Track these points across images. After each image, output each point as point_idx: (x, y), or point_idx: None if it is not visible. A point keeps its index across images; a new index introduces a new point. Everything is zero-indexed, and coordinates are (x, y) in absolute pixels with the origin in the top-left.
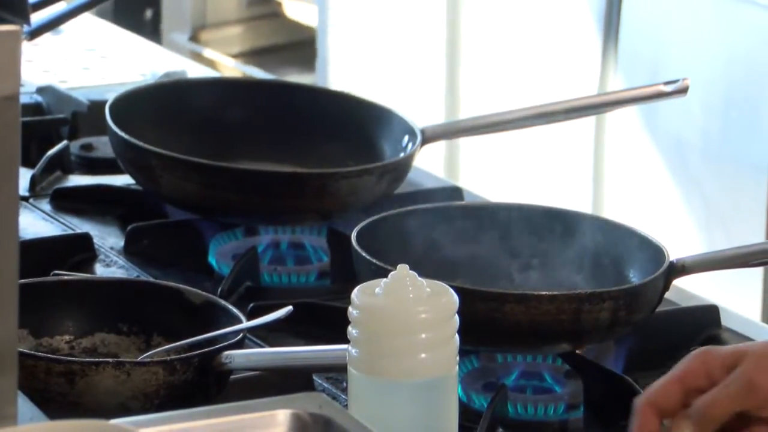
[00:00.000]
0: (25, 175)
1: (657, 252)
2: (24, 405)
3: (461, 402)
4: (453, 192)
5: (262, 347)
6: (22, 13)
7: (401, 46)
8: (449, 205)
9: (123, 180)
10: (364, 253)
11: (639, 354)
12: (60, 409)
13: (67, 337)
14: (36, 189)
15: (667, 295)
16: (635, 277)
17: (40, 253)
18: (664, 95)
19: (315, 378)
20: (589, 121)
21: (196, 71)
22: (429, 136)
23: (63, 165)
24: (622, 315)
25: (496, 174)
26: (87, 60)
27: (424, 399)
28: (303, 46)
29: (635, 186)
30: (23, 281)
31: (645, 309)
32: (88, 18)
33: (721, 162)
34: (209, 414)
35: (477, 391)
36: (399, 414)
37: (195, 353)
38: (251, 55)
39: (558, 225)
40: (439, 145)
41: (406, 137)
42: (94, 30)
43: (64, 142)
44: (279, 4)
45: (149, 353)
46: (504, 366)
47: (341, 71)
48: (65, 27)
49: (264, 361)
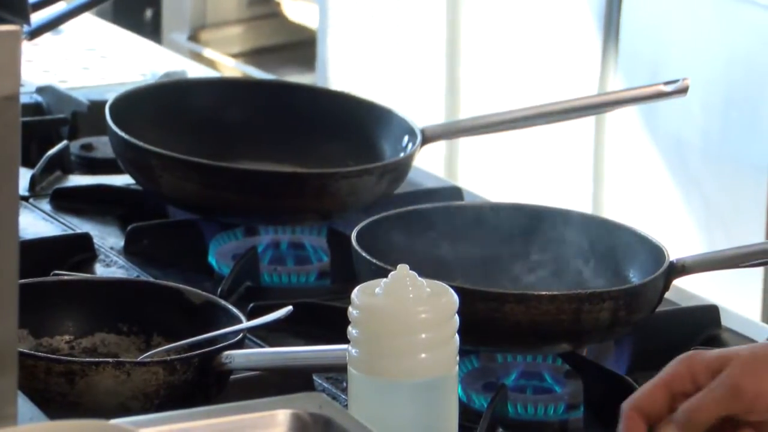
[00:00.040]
0: (25, 175)
1: (657, 252)
2: (24, 405)
3: (461, 402)
4: (453, 192)
5: (262, 347)
6: (22, 13)
7: (401, 46)
8: (449, 205)
9: (123, 180)
10: (364, 253)
11: (639, 354)
12: (60, 409)
13: (67, 337)
14: (36, 189)
15: (667, 295)
16: (635, 277)
17: (40, 253)
18: (664, 95)
19: (315, 378)
20: (589, 121)
21: (196, 71)
22: (429, 136)
23: (63, 165)
24: (622, 315)
25: (496, 174)
26: (87, 60)
27: (424, 399)
28: (303, 46)
29: (635, 186)
30: (23, 281)
31: (645, 309)
32: (88, 18)
33: (721, 162)
34: (209, 414)
35: (477, 391)
36: (399, 414)
37: (195, 353)
38: (251, 55)
39: (558, 225)
40: (439, 145)
41: (406, 137)
42: (94, 30)
43: (64, 142)
44: (279, 4)
45: (149, 353)
46: (504, 366)
47: (341, 71)
48: (65, 27)
49: (264, 361)
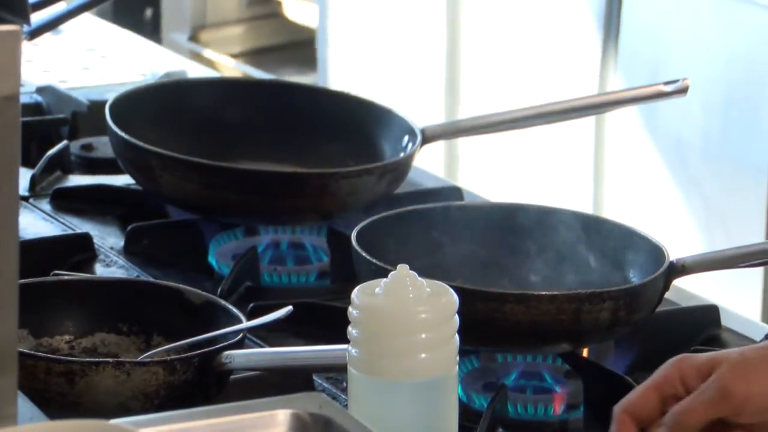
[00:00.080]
0: (25, 175)
1: (657, 252)
2: (24, 405)
3: (461, 402)
4: (453, 192)
5: (262, 347)
6: (22, 13)
7: (401, 46)
8: (449, 205)
9: (123, 180)
10: (364, 253)
11: (639, 354)
12: (60, 409)
13: (67, 337)
14: (36, 189)
15: (667, 295)
16: (635, 277)
17: (40, 253)
18: (664, 95)
19: (315, 378)
20: (589, 121)
21: (196, 71)
22: (429, 136)
23: (63, 165)
24: (622, 315)
25: (496, 174)
26: (87, 60)
27: (424, 399)
28: (303, 46)
29: (635, 186)
30: (23, 281)
31: (645, 309)
32: (88, 18)
33: (721, 162)
34: (209, 414)
35: (477, 391)
36: (399, 414)
37: (195, 353)
38: (251, 55)
39: (558, 225)
40: (439, 145)
41: (406, 137)
42: (94, 30)
43: (64, 142)
44: (279, 4)
45: (149, 353)
46: (504, 366)
47: (341, 71)
48: (65, 27)
49: (264, 361)
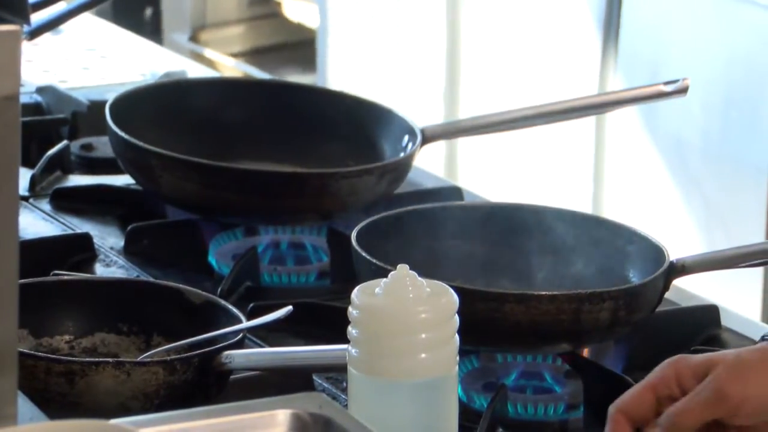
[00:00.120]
0: (25, 175)
1: (657, 252)
2: (24, 405)
3: (461, 402)
4: (453, 192)
5: (262, 347)
6: (22, 13)
7: (401, 46)
8: (449, 205)
9: (123, 180)
10: (364, 253)
11: (639, 354)
12: (60, 409)
13: (67, 337)
14: (36, 189)
15: (667, 295)
16: (635, 277)
17: (40, 253)
18: (664, 95)
19: (315, 378)
20: (589, 121)
21: (196, 71)
22: (429, 136)
23: (63, 165)
24: (622, 315)
25: (496, 174)
26: (87, 60)
27: (424, 399)
28: (303, 46)
29: (635, 186)
30: (23, 281)
31: (645, 309)
32: (88, 18)
33: (721, 162)
34: (209, 414)
35: (477, 391)
36: (399, 414)
37: (195, 353)
38: (251, 55)
39: (558, 225)
40: (439, 145)
41: (406, 137)
42: (94, 30)
43: (64, 142)
44: (279, 4)
45: (149, 353)
46: (504, 366)
47: (341, 71)
48: (65, 27)
49: (264, 361)
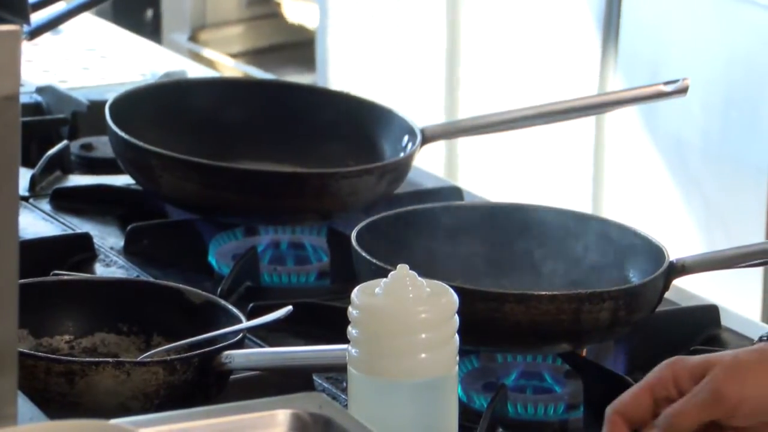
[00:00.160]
0: (25, 175)
1: (657, 252)
2: (24, 405)
3: (461, 402)
4: (453, 192)
5: (262, 347)
6: (22, 13)
7: (401, 46)
8: (449, 205)
9: (123, 180)
10: (364, 253)
11: (639, 354)
12: (60, 409)
13: (67, 337)
14: (36, 189)
15: (667, 295)
16: (635, 277)
17: (40, 253)
18: (664, 95)
19: (315, 378)
20: (589, 121)
21: (196, 71)
22: (429, 136)
23: (63, 165)
24: (622, 315)
25: (496, 174)
26: (87, 60)
27: (424, 399)
28: (303, 46)
29: (635, 186)
30: (23, 281)
31: (645, 309)
32: (88, 18)
33: (721, 162)
34: (209, 414)
35: (477, 391)
36: (399, 414)
37: (195, 353)
38: (251, 55)
39: (558, 225)
40: (439, 145)
41: (406, 137)
42: (94, 30)
43: (64, 142)
44: (279, 4)
45: (149, 353)
46: (504, 366)
47: (341, 71)
48: (65, 27)
49: (264, 361)
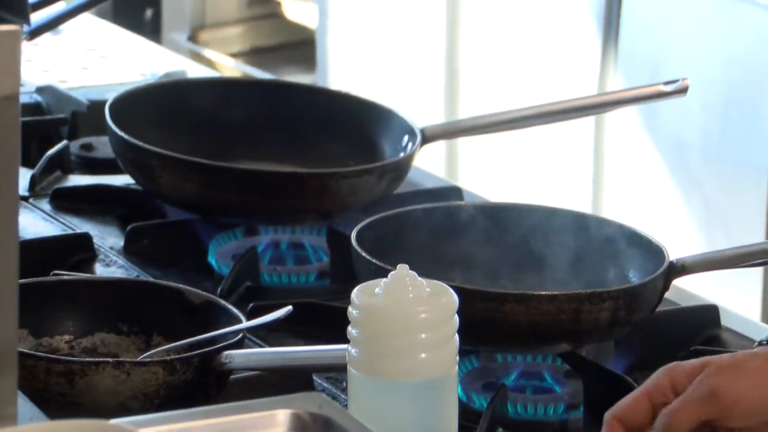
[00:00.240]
0: (25, 175)
1: (657, 252)
2: (24, 405)
3: (461, 402)
4: (453, 192)
5: (262, 347)
6: (22, 13)
7: (401, 46)
8: (449, 205)
9: (123, 180)
10: (364, 253)
11: (639, 354)
12: (60, 409)
13: (67, 337)
14: (36, 189)
15: (667, 295)
16: (635, 277)
17: (40, 253)
18: (664, 95)
19: (315, 378)
20: (589, 121)
21: (196, 71)
22: (429, 136)
23: (63, 165)
24: (622, 315)
25: (496, 174)
26: (87, 60)
27: (424, 399)
28: (303, 46)
29: (635, 186)
30: (23, 281)
31: (645, 309)
32: (87, 18)
33: (721, 162)
34: (209, 414)
35: (477, 391)
36: (399, 414)
37: (195, 353)
38: (251, 55)
39: (558, 225)
40: (439, 145)
41: (406, 137)
42: (93, 30)
43: (63, 142)
44: (279, 4)
45: (149, 353)
46: (504, 366)
47: (341, 71)
48: (65, 27)
49: (264, 361)
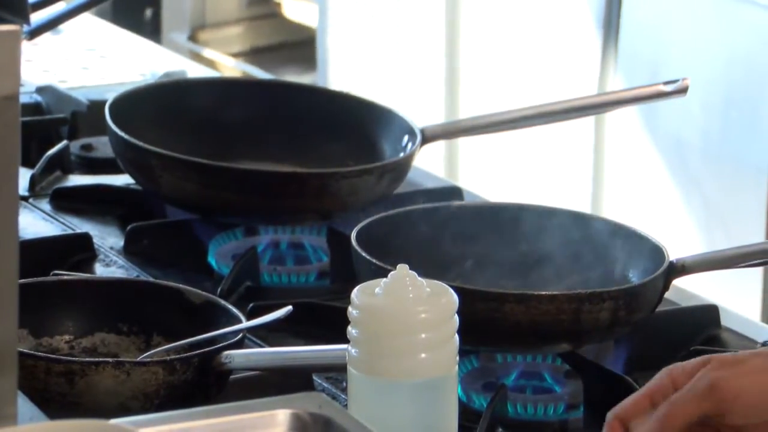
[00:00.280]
0: (25, 175)
1: (657, 252)
2: (24, 405)
3: (461, 402)
4: (453, 192)
5: (262, 347)
6: (22, 13)
7: (401, 46)
8: (449, 205)
9: (123, 180)
10: (364, 253)
11: (639, 354)
12: (60, 409)
13: (67, 337)
14: (36, 189)
15: (667, 295)
16: (635, 277)
17: (40, 253)
18: (664, 95)
19: (315, 378)
20: (589, 121)
21: (196, 71)
22: (429, 136)
23: (63, 165)
24: (622, 315)
25: (496, 174)
26: (87, 60)
27: (424, 399)
28: (303, 46)
29: (635, 186)
30: (23, 281)
31: (645, 309)
32: (87, 18)
33: (721, 162)
34: (209, 414)
35: (477, 391)
36: (399, 414)
37: (195, 353)
38: (251, 55)
39: (558, 225)
40: (439, 145)
41: (406, 137)
42: (93, 30)
43: (63, 142)
44: (279, 4)
45: (149, 353)
46: (504, 366)
47: (341, 71)
48: (65, 27)
49: (264, 361)
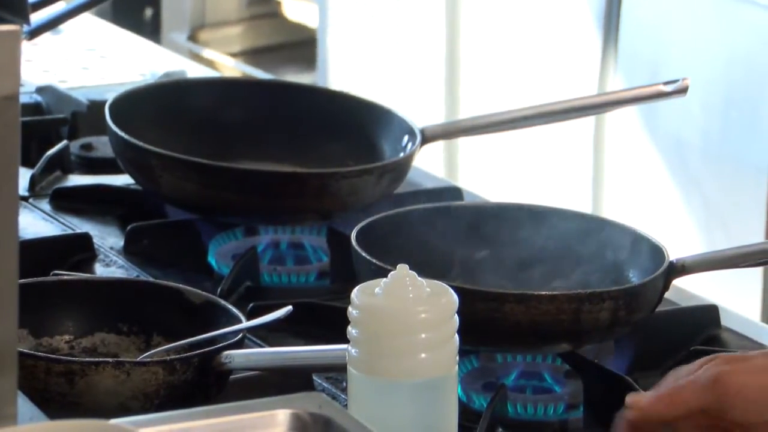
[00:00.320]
0: (25, 175)
1: (657, 252)
2: (24, 405)
3: (461, 402)
4: (453, 192)
5: (262, 347)
6: (22, 13)
7: (401, 46)
8: (449, 205)
9: (123, 180)
10: (364, 253)
11: (639, 354)
12: (60, 409)
13: (67, 337)
14: (36, 189)
15: (667, 295)
16: (635, 277)
17: (40, 253)
18: (664, 95)
19: (315, 378)
20: (589, 121)
21: (195, 71)
22: (429, 136)
23: (63, 165)
24: (622, 315)
25: (496, 174)
26: (87, 60)
27: (424, 399)
28: (303, 46)
29: (635, 186)
30: (23, 281)
31: (645, 309)
32: (87, 18)
33: (721, 162)
34: (209, 414)
35: (477, 391)
36: (399, 414)
37: (195, 353)
38: (251, 55)
39: (557, 225)
40: (439, 145)
41: (405, 137)
42: (93, 30)
43: (63, 142)
44: (279, 4)
45: (149, 353)
46: (504, 366)
47: (341, 71)
48: (65, 27)
49: (264, 361)
